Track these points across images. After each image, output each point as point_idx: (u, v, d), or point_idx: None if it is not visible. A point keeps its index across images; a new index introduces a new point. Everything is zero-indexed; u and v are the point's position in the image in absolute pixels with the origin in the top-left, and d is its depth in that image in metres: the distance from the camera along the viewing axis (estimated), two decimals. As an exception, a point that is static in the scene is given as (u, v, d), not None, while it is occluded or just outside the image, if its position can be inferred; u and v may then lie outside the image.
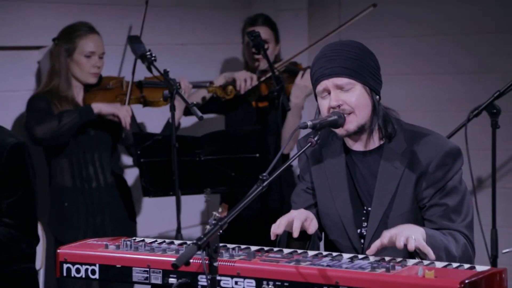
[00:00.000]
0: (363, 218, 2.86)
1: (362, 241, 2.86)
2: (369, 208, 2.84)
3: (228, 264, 2.50)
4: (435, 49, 5.24)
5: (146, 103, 4.44)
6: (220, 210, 3.63)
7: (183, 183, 4.04)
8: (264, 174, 2.49)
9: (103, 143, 4.38)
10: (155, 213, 4.84)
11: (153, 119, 4.79)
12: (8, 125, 4.45)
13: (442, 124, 4.39)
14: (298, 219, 2.68)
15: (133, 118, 4.46)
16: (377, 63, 2.86)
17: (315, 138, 2.68)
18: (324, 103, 2.80)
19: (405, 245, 2.55)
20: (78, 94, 4.37)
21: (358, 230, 2.86)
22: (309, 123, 2.67)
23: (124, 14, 4.87)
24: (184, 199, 4.29)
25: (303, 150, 2.69)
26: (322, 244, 3.01)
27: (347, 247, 2.88)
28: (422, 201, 2.80)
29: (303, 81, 4.52)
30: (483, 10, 5.09)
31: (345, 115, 2.77)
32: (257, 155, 4.08)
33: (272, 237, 2.67)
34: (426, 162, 2.78)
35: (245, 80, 4.51)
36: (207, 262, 2.29)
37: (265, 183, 2.49)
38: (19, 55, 4.49)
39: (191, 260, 2.26)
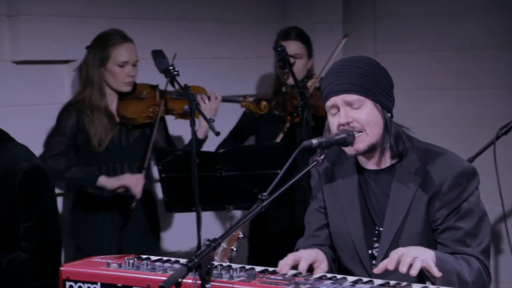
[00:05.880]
0: (375, 238, 2.78)
1: (373, 262, 2.78)
2: (381, 228, 2.76)
3: (226, 285, 2.45)
4: (469, 63, 5.13)
5: (178, 115, 4.41)
6: (234, 227, 3.56)
7: (204, 199, 4.00)
8: (264, 194, 2.44)
9: (134, 154, 4.36)
10: (180, 229, 4.81)
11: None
12: (37, 139, 4.47)
13: (472, 141, 4.29)
14: (305, 259, 2.63)
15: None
16: (390, 80, 2.77)
17: (321, 157, 2.61)
18: (334, 120, 2.73)
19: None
20: (112, 102, 4.36)
21: (369, 251, 2.78)
22: (314, 142, 2.61)
23: (154, 27, 4.87)
24: (208, 215, 4.25)
25: (307, 169, 2.62)
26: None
27: (358, 268, 2.80)
28: (435, 222, 2.71)
29: None
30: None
31: (355, 133, 2.69)
32: (279, 171, 4.01)
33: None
34: (439, 182, 2.69)
35: None
36: (199, 283, 2.24)
37: (264, 203, 2.43)
38: (48, 69, 4.51)
39: (187, 281, 2.23)
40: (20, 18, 4.31)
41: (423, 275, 2.57)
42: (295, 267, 2.64)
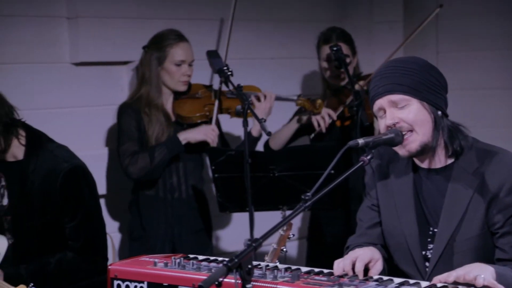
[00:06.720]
0: (429, 239, 2.73)
1: (426, 264, 2.72)
2: (435, 229, 2.71)
3: (269, 285, 2.44)
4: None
5: (234, 113, 4.40)
6: (284, 228, 3.54)
7: (258, 199, 3.99)
8: (308, 194, 2.42)
9: (189, 153, 4.38)
10: (237, 229, 4.81)
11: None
12: (97, 138, 4.54)
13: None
14: (361, 260, 2.60)
15: (220, 130, 4.45)
16: (440, 78, 2.71)
17: (368, 157, 2.57)
18: (381, 122, 2.70)
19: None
20: (167, 101, 4.38)
21: (423, 252, 2.73)
22: (361, 141, 2.57)
23: (211, 28, 4.88)
24: (263, 215, 4.23)
25: (353, 169, 2.58)
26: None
27: (412, 269, 2.75)
28: (494, 226, 2.64)
29: None
30: None
31: (404, 134, 2.65)
32: (332, 171, 3.96)
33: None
34: (498, 184, 2.62)
35: (322, 118, 4.44)
36: (240, 283, 2.22)
37: (308, 203, 2.41)
38: (106, 70, 4.57)
39: (230, 280, 2.22)
40: (79, 20, 4.37)
41: None
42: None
